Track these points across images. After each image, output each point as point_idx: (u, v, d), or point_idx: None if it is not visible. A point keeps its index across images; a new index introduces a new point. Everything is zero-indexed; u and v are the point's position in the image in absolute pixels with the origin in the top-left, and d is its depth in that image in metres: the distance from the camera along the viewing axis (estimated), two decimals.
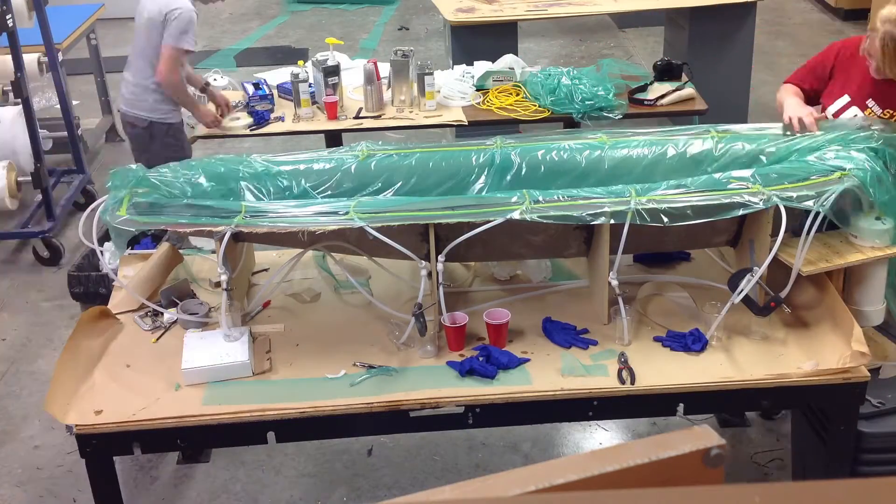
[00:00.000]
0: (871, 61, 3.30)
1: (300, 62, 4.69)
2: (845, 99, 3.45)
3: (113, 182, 2.95)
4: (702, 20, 5.80)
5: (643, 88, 4.60)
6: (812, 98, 3.54)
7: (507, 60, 4.81)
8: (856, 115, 3.40)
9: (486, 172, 3.22)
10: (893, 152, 2.99)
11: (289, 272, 3.20)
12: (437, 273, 2.86)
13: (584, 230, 2.98)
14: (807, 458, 3.22)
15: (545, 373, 2.80)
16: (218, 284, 3.04)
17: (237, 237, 2.96)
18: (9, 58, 4.96)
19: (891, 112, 3.38)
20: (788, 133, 3.26)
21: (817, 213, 2.76)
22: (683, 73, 4.80)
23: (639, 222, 2.75)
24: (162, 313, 3.10)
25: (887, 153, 2.99)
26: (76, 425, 2.67)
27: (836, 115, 3.44)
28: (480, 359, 2.81)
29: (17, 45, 4.91)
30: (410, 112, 4.55)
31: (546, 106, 4.47)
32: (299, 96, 4.48)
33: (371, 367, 2.85)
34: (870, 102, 3.41)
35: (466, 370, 2.78)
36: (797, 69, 3.67)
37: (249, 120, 4.53)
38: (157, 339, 3.03)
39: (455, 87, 4.66)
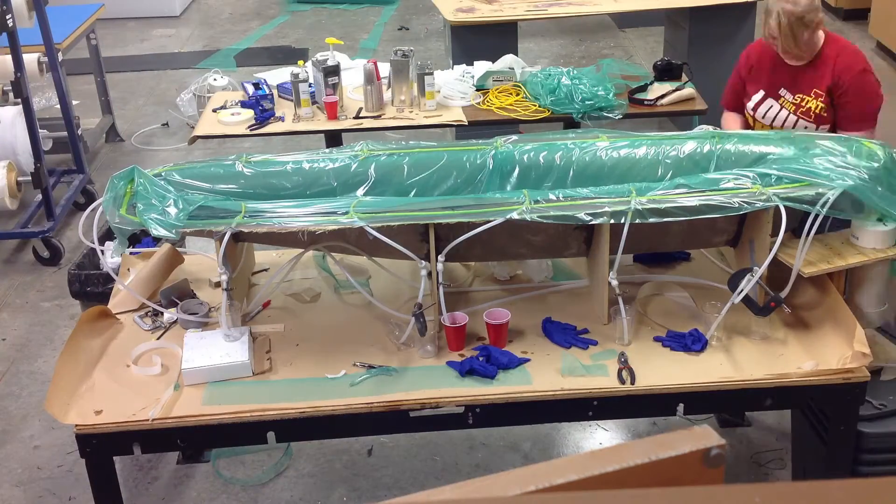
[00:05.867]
0: (776, 43, 3.41)
1: (300, 62, 4.69)
2: (760, 94, 3.60)
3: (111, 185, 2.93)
4: (702, 20, 5.80)
5: (643, 88, 4.60)
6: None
7: (507, 60, 4.81)
8: (771, 107, 3.57)
9: (485, 172, 3.22)
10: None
11: (289, 272, 3.20)
12: (437, 273, 2.86)
13: (584, 230, 2.97)
14: (807, 458, 3.21)
15: (545, 373, 2.80)
16: (218, 284, 3.04)
17: (237, 237, 2.96)
18: (9, 58, 4.96)
19: (801, 96, 3.55)
20: None
21: (817, 214, 2.76)
22: (683, 73, 4.80)
23: (639, 222, 2.76)
24: (162, 313, 3.10)
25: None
26: (76, 425, 2.68)
27: (755, 109, 3.64)
28: (480, 359, 2.81)
29: (17, 45, 4.91)
30: (410, 112, 4.54)
31: (546, 106, 4.47)
32: (299, 96, 4.47)
33: (371, 367, 2.85)
34: (782, 91, 3.59)
35: (466, 370, 2.78)
36: (726, 90, 3.83)
37: (251, 114, 4.51)
38: (158, 339, 3.03)
39: (455, 87, 4.66)
